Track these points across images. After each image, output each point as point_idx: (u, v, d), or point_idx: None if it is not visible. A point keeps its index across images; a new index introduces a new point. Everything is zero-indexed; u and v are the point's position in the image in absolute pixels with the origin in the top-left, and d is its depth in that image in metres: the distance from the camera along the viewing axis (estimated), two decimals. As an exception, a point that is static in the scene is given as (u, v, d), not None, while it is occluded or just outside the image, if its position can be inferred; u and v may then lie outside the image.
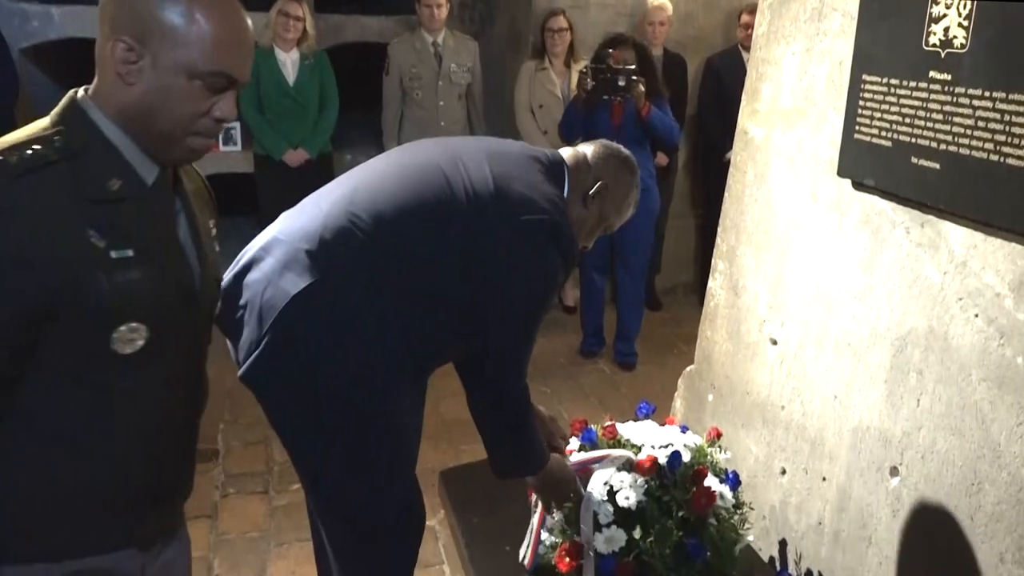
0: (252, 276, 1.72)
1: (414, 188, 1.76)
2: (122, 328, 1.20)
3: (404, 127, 4.79)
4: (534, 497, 2.08)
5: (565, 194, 1.91)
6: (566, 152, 2.00)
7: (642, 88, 3.95)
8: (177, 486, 1.43)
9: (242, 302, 1.72)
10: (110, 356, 1.21)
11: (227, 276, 1.77)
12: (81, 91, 1.24)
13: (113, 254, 1.18)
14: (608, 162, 2.00)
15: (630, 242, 4.26)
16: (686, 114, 5.04)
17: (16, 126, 4.12)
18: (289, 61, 4.43)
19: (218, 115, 1.23)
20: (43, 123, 1.22)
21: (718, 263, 2.49)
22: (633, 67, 3.95)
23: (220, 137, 5.05)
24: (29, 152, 1.14)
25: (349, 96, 4.89)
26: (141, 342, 1.22)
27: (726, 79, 4.64)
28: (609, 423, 2.16)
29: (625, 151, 2.06)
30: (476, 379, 1.83)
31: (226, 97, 1.23)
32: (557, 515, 2.01)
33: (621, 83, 3.91)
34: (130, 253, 1.19)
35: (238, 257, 1.79)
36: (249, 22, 1.26)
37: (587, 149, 2.02)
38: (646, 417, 2.22)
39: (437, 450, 3.40)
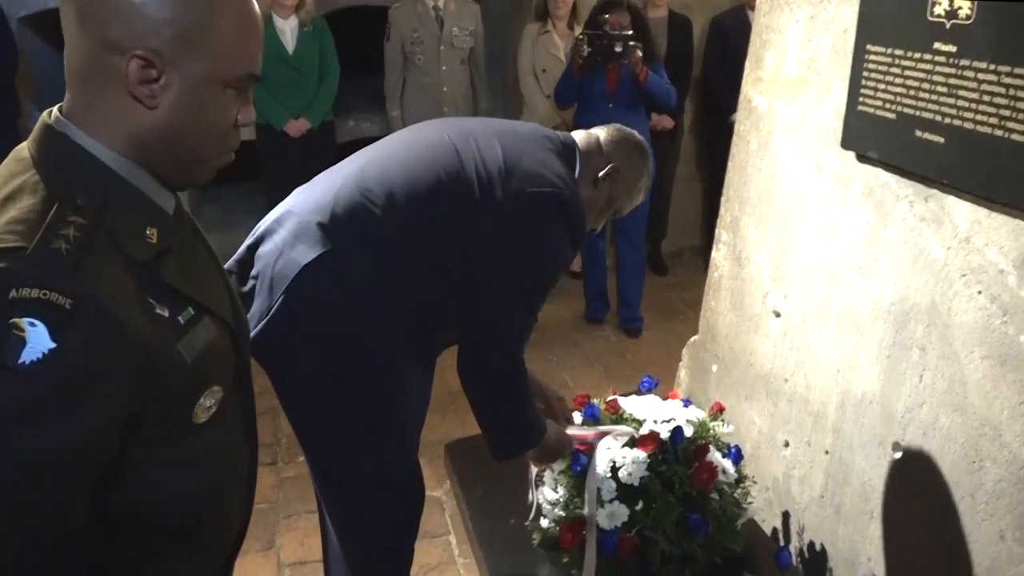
0: (264, 248, 1.74)
1: (426, 164, 1.77)
2: (202, 399, 1.05)
3: (407, 93, 4.74)
4: (534, 471, 2.09)
5: (576, 175, 1.91)
6: (579, 135, 1.99)
7: (639, 54, 3.90)
8: (246, 529, 1.31)
9: (254, 273, 1.74)
10: (191, 428, 1.05)
11: (241, 248, 1.80)
12: (55, 117, 0.99)
13: (180, 319, 1.00)
14: (621, 146, 2.00)
15: None
16: (692, 75, 4.98)
17: (17, 99, 4.04)
18: (288, 29, 4.37)
19: (242, 121, 1.05)
20: (28, 177, 0.95)
21: (721, 233, 2.47)
22: (630, 32, 3.90)
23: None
24: (68, 230, 0.90)
25: (350, 61, 4.83)
26: (216, 406, 1.07)
27: (732, 39, 4.56)
28: (612, 398, 2.17)
29: (638, 136, 2.06)
30: (473, 348, 1.81)
31: (248, 101, 1.06)
32: (556, 467, 2.03)
33: (618, 49, 3.86)
34: (192, 312, 1.03)
35: (253, 231, 1.80)
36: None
37: (600, 132, 2.01)
38: (649, 391, 2.22)
39: (444, 420, 3.42)
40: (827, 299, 1.98)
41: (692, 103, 5.18)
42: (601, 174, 1.94)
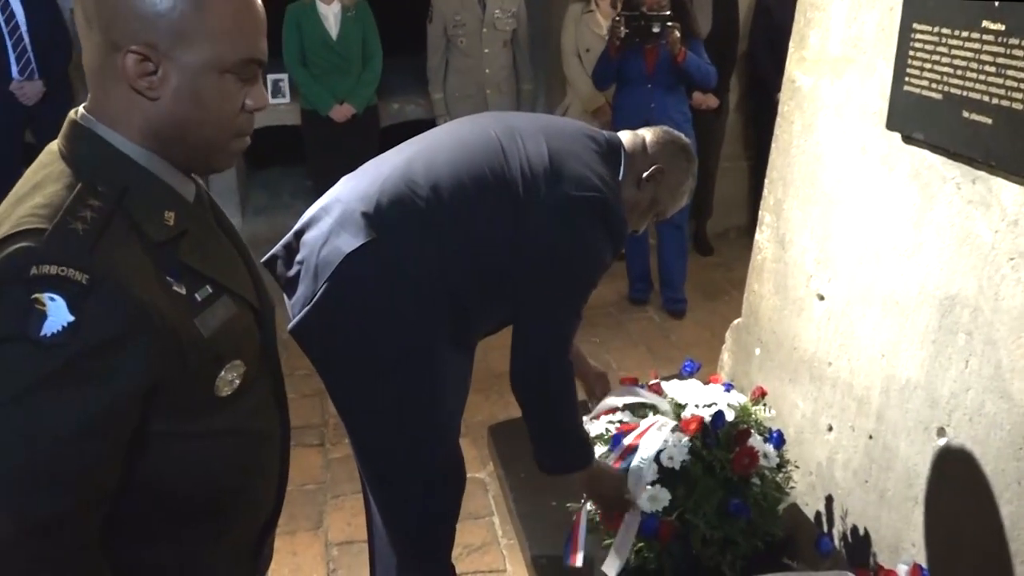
0: (310, 234, 1.78)
1: (472, 159, 1.79)
2: (223, 372, 1.09)
3: (449, 75, 4.75)
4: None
5: (620, 177, 1.91)
6: (625, 136, 1.99)
7: (678, 34, 3.84)
8: (281, 505, 1.34)
9: (299, 258, 1.78)
10: (214, 402, 1.10)
11: (288, 234, 1.84)
12: (82, 112, 1.06)
13: (197, 296, 1.05)
14: (666, 148, 1.99)
15: None
16: (737, 53, 4.90)
17: (72, 86, 4.17)
18: (331, 14, 4.41)
19: (251, 105, 1.08)
20: (55, 167, 1.03)
21: (765, 216, 2.45)
22: (668, 13, 3.84)
23: (269, 89, 5.08)
24: (86, 212, 0.97)
25: (393, 41, 4.85)
26: (239, 379, 1.11)
27: (778, 16, 4.47)
28: (653, 381, 2.17)
29: (685, 139, 2.05)
30: (519, 352, 1.82)
31: (256, 84, 1.09)
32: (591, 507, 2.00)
33: (656, 30, 3.81)
34: (209, 290, 1.07)
35: (301, 217, 1.84)
36: None
37: (647, 134, 2.01)
38: (691, 375, 2.22)
39: (487, 401, 3.46)
40: (872, 282, 1.95)
41: (738, 81, 5.11)
42: (645, 175, 1.94)
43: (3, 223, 0.97)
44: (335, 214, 1.75)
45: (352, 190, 1.79)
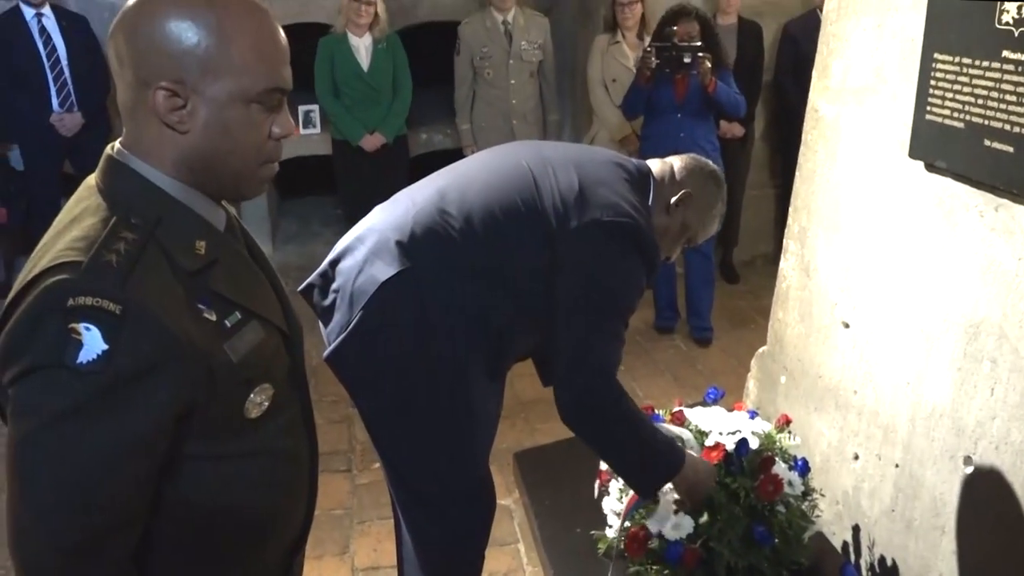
0: (345, 263, 1.82)
1: (504, 189, 1.82)
2: (252, 395, 1.13)
3: (476, 106, 4.82)
4: (608, 482, 2.11)
5: (650, 202, 1.93)
6: (654, 164, 2.02)
7: (708, 64, 3.87)
8: (309, 526, 1.37)
9: (335, 287, 1.81)
10: (244, 424, 1.13)
11: (324, 263, 1.88)
12: (117, 147, 1.11)
13: (227, 323, 1.09)
14: (695, 174, 2.02)
15: None
16: (763, 81, 4.93)
17: (109, 118, 4.30)
18: (362, 46, 4.50)
19: (278, 133, 1.12)
20: (92, 201, 1.08)
21: (789, 244, 2.46)
22: (699, 44, 3.88)
23: (300, 119, 5.18)
24: (119, 245, 1.01)
25: (422, 73, 4.94)
26: (267, 402, 1.15)
27: (804, 45, 4.51)
28: (677, 409, 2.18)
29: (712, 166, 2.08)
30: (565, 383, 1.80)
31: (282, 112, 1.12)
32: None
33: (687, 60, 3.85)
34: (239, 316, 1.11)
35: (336, 246, 1.88)
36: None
37: (676, 161, 2.03)
38: (715, 402, 2.22)
39: (513, 429, 3.47)
40: (896, 310, 1.95)
41: (764, 109, 5.13)
42: (674, 200, 1.96)
43: (45, 255, 1.02)
44: (370, 243, 1.79)
45: (386, 219, 1.82)
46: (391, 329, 1.74)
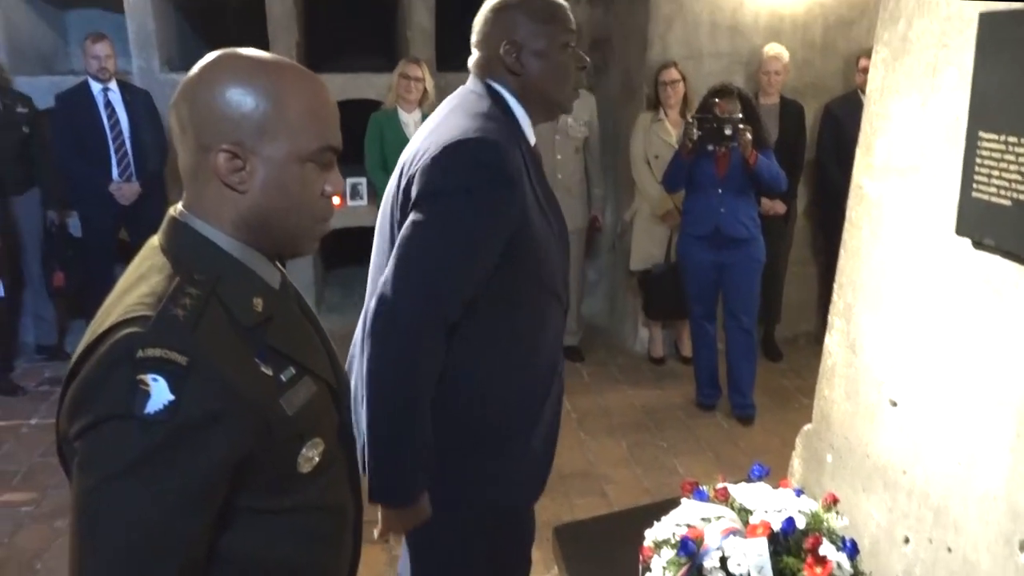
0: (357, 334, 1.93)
1: (379, 246, 1.92)
2: (304, 449, 1.16)
3: (521, 180, 4.88)
4: (651, 559, 2.07)
5: (508, 94, 1.83)
6: (474, 75, 1.88)
7: (749, 136, 3.91)
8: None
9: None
10: (296, 478, 1.16)
11: (358, 326, 1.94)
12: (180, 209, 1.17)
13: (283, 377, 1.13)
14: (488, 23, 1.83)
15: (736, 292, 4.21)
16: (804, 160, 4.96)
17: (165, 184, 4.47)
18: (412, 121, 4.63)
19: (330, 191, 1.17)
20: (157, 260, 1.13)
21: (835, 320, 2.44)
22: (740, 116, 3.93)
23: (348, 192, 5.31)
24: (185, 300, 1.05)
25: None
26: (319, 457, 1.18)
27: (845, 125, 4.54)
28: (721, 485, 2.14)
29: None
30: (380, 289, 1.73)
31: (333, 171, 1.18)
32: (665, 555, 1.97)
33: (728, 132, 3.89)
34: (293, 371, 1.15)
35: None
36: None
37: (470, 61, 1.89)
38: (759, 479, 2.18)
39: (553, 502, 3.42)
40: (945, 389, 1.92)
41: (806, 187, 5.15)
42: (508, 62, 1.80)
43: (114, 311, 1.07)
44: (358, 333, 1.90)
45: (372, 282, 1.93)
46: None
